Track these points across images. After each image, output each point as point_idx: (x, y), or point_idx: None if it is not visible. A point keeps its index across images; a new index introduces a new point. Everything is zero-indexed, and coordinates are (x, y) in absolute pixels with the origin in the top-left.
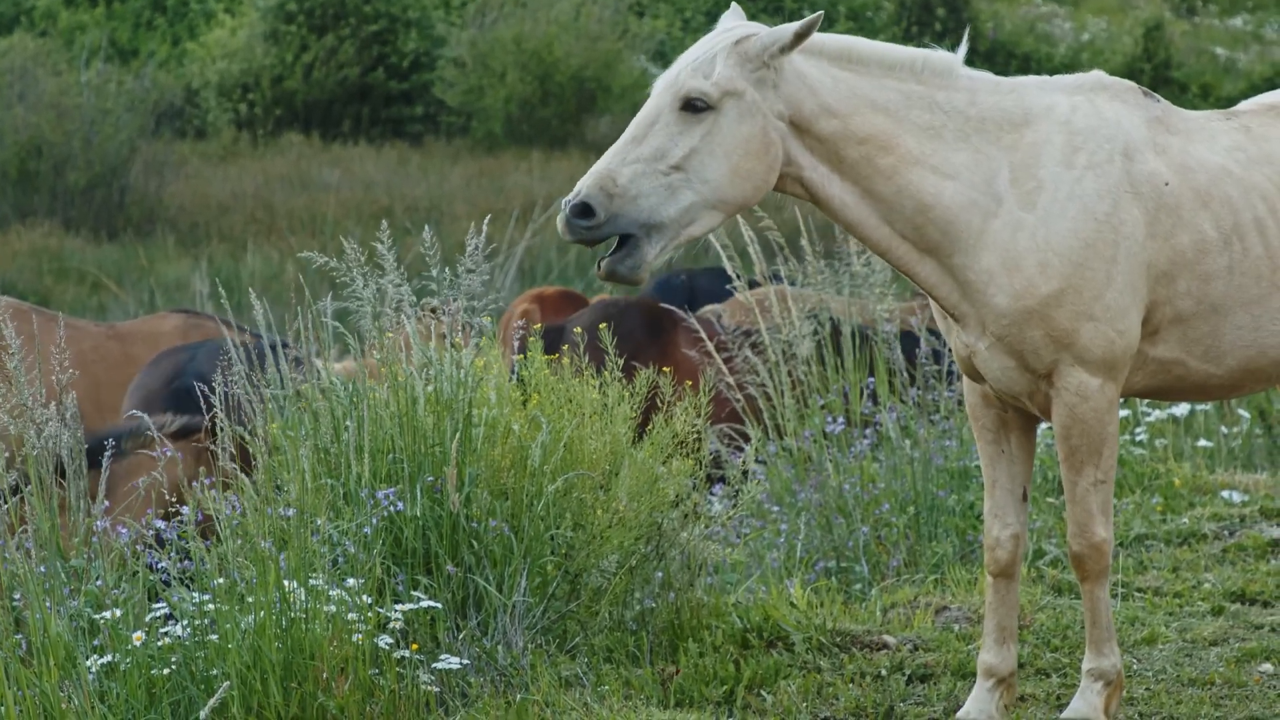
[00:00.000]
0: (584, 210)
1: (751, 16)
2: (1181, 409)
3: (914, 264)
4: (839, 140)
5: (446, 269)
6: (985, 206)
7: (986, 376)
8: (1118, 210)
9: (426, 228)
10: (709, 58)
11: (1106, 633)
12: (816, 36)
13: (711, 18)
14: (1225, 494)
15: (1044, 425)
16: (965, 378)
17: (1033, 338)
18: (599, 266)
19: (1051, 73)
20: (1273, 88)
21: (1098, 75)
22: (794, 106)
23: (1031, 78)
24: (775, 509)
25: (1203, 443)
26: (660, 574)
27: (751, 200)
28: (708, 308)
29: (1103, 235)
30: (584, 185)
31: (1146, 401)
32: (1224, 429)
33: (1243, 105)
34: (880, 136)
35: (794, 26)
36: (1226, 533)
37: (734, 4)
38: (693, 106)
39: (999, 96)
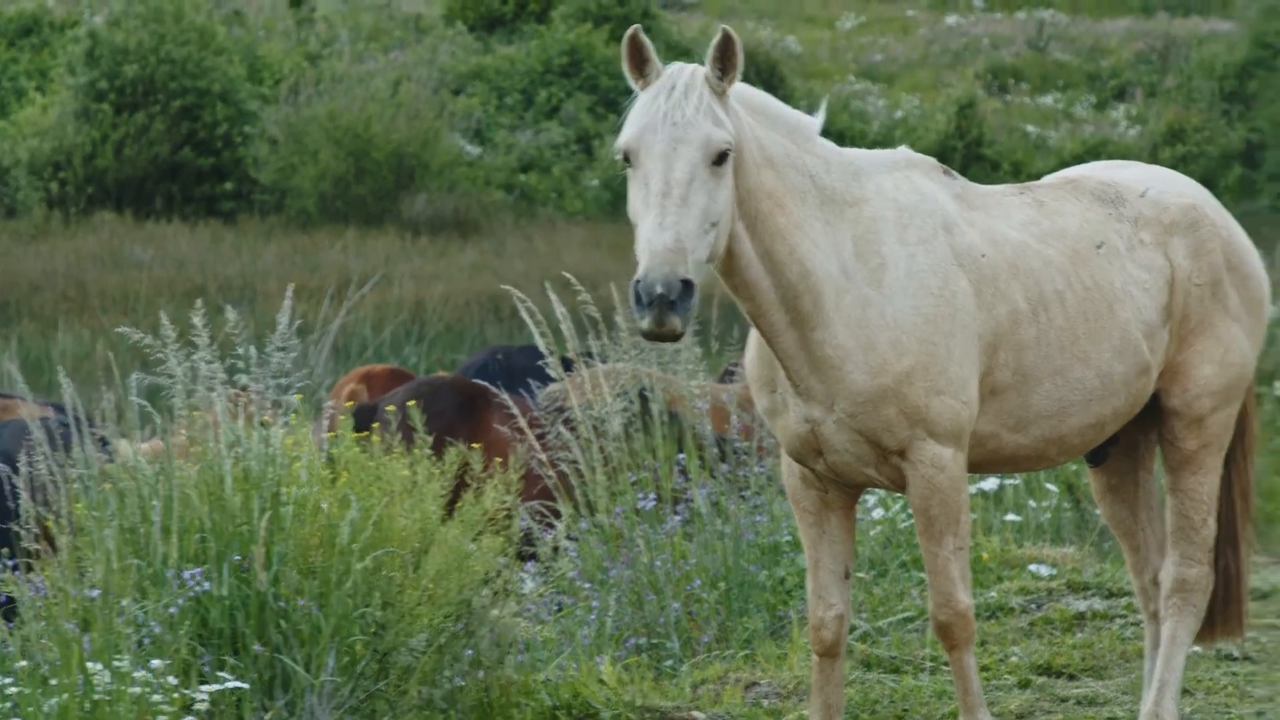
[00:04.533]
0: (689, 289)
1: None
2: (990, 483)
3: (780, 333)
4: (756, 188)
5: (255, 347)
6: (838, 281)
7: (830, 450)
8: (948, 284)
9: (229, 308)
10: (706, 105)
11: (977, 699)
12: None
13: (528, 96)
14: (1033, 568)
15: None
16: (786, 459)
17: (887, 415)
18: (657, 321)
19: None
20: (1082, 164)
21: (905, 152)
22: (739, 145)
23: (858, 152)
24: (586, 586)
25: (1011, 517)
26: (470, 652)
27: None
28: (552, 386)
29: (940, 310)
30: (666, 265)
31: None
32: (1032, 503)
33: (1045, 179)
34: (778, 193)
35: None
36: (1034, 606)
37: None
38: (723, 159)
39: (841, 169)
